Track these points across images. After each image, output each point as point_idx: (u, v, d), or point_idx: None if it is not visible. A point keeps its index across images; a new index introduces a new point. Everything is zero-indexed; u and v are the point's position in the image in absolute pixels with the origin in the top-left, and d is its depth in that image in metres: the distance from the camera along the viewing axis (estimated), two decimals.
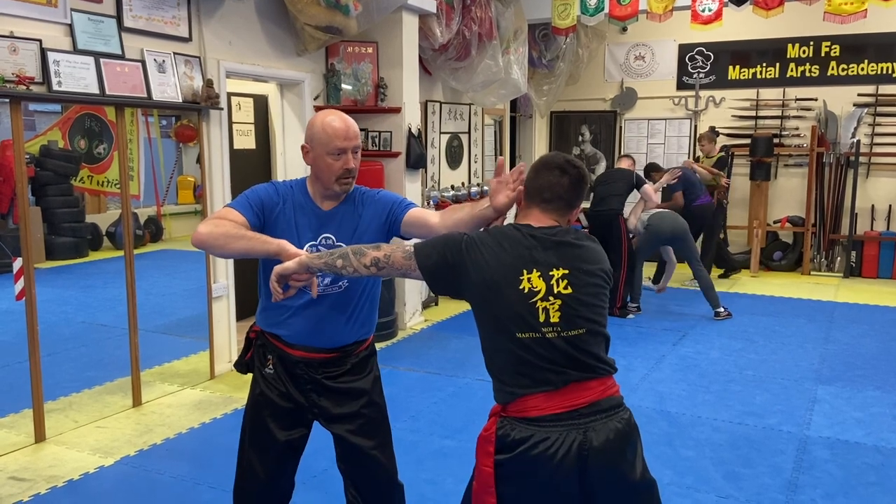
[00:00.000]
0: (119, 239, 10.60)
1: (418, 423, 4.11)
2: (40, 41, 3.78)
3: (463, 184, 7.60)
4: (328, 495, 3.28)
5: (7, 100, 3.68)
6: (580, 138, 9.83)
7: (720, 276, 8.25)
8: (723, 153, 8.21)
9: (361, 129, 5.83)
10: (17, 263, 3.82)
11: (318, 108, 5.65)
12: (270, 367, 2.29)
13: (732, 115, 8.98)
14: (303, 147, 2.22)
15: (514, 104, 9.19)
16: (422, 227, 2.24)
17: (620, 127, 9.61)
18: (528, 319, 1.77)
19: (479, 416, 4.26)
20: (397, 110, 5.82)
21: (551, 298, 1.78)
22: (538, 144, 9.82)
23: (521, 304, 1.78)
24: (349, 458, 2.38)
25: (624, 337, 5.87)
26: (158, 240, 11.00)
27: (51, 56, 3.81)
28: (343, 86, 5.71)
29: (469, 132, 7.80)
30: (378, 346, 5.53)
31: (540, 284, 1.79)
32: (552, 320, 1.78)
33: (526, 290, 1.78)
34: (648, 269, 7.62)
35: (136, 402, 4.36)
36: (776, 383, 4.78)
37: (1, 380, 4.79)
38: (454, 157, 7.55)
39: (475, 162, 7.99)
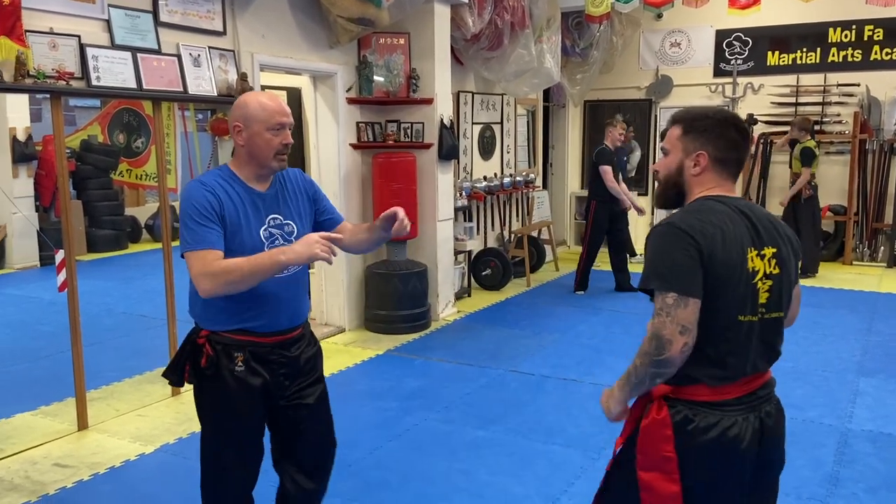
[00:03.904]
0: (157, 231, 10.83)
1: (451, 414, 4.12)
2: (79, 37, 3.85)
3: (496, 174, 7.57)
4: (363, 483, 3.31)
5: (48, 95, 3.76)
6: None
7: None
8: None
9: (393, 121, 5.86)
10: (59, 256, 3.91)
11: (350, 101, 5.67)
12: (240, 363, 2.24)
13: (771, 102, 8.78)
14: (235, 126, 2.20)
15: (546, 94, 9.12)
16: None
17: (656, 115, 9.46)
18: (751, 301, 1.68)
19: (513, 407, 4.28)
20: (429, 101, 5.81)
21: (764, 279, 1.70)
22: (571, 134, 9.73)
23: (747, 285, 1.68)
24: (309, 428, 2.42)
25: None
26: None
27: (89, 51, 3.88)
28: (375, 77, 5.72)
29: (502, 122, 7.76)
30: (411, 336, 5.60)
31: (759, 264, 1.69)
32: (762, 301, 1.70)
33: (751, 270, 1.68)
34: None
35: (176, 391, 4.44)
36: (817, 375, 4.69)
37: (45, 369, 4.93)
38: (487, 147, 7.51)
39: (508, 153, 7.95)
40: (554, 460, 3.53)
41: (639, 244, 9.13)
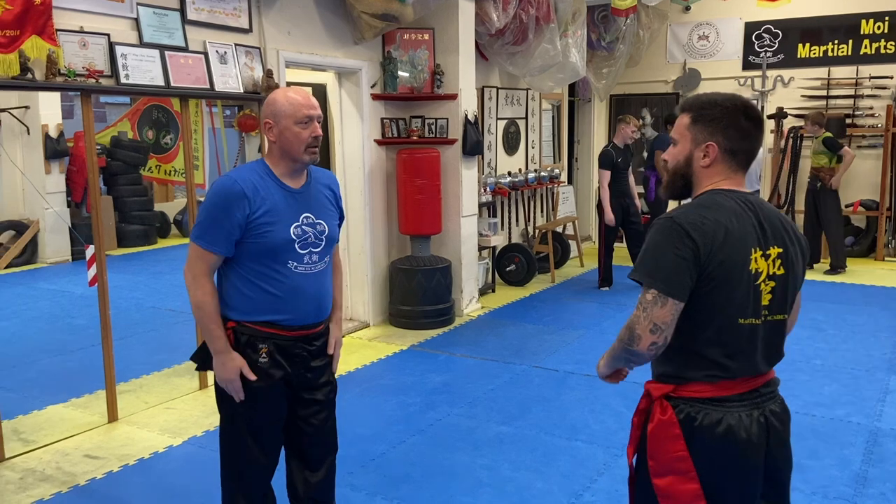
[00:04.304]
0: (186, 227, 10.95)
1: (475, 410, 4.13)
2: (108, 35, 3.91)
3: (520, 170, 7.54)
4: (386, 477, 3.33)
5: (78, 93, 3.83)
6: (641, 121, 9.61)
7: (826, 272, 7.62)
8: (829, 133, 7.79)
9: (417, 117, 5.86)
10: (90, 251, 3.98)
11: (375, 97, 5.69)
12: (264, 355, 2.28)
13: (802, 96, 8.63)
14: (265, 123, 2.25)
15: (572, 88, 9.06)
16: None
17: None
18: (753, 303, 1.63)
19: (536, 403, 4.27)
20: (454, 97, 5.81)
21: (768, 280, 1.65)
22: (597, 128, 9.66)
23: (749, 287, 1.62)
24: (319, 421, 2.46)
25: None
26: None
27: (118, 50, 3.94)
28: (400, 73, 5.73)
29: (526, 117, 7.73)
30: (435, 332, 5.61)
31: (763, 265, 1.64)
32: (764, 303, 1.65)
33: (754, 272, 1.63)
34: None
35: (203, 384, 4.50)
36: (846, 373, 4.61)
37: (77, 362, 5.03)
38: (511, 143, 7.49)
39: (532, 148, 7.92)
40: (577, 456, 3.52)
41: None
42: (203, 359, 2.38)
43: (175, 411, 4.17)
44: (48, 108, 8.53)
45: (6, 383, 4.34)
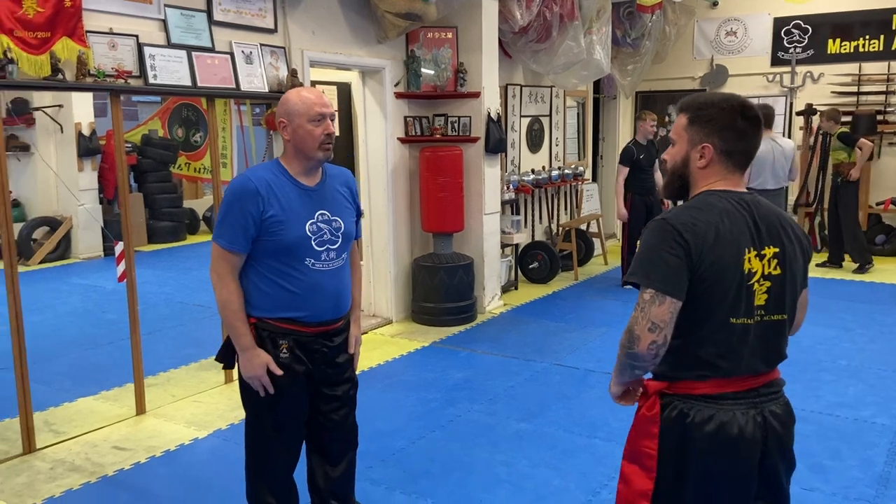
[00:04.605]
0: (214, 223, 11.10)
1: (495, 406, 4.15)
2: (137, 36, 4.00)
3: (544, 167, 7.54)
4: (405, 472, 3.37)
5: (107, 93, 3.93)
6: (667, 118, 9.55)
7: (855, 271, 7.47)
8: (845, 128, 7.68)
9: (440, 115, 5.89)
10: (119, 247, 4.08)
11: (398, 95, 5.73)
12: (285, 351, 2.34)
13: (832, 92, 8.50)
14: (280, 122, 2.30)
15: (597, 85, 9.03)
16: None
17: None
18: (746, 304, 1.64)
19: (556, 400, 4.28)
20: (476, 95, 5.83)
21: (762, 280, 1.65)
22: (622, 125, 9.61)
23: (741, 288, 1.63)
24: (340, 416, 2.52)
25: None
26: None
27: (147, 50, 4.03)
28: (423, 71, 5.76)
29: (550, 115, 7.72)
30: (457, 329, 5.64)
31: (757, 265, 1.64)
32: (759, 303, 1.65)
33: (747, 272, 1.63)
34: None
35: (229, 378, 4.59)
36: (872, 374, 4.55)
37: (107, 356, 5.15)
38: (535, 140, 7.49)
39: (556, 145, 7.91)
40: (595, 454, 3.53)
41: None
42: (228, 356, 2.44)
43: (201, 404, 4.26)
44: (81, 107, 8.72)
45: (39, 376, 4.43)
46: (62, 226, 8.82)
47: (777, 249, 1.67)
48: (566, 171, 7.79)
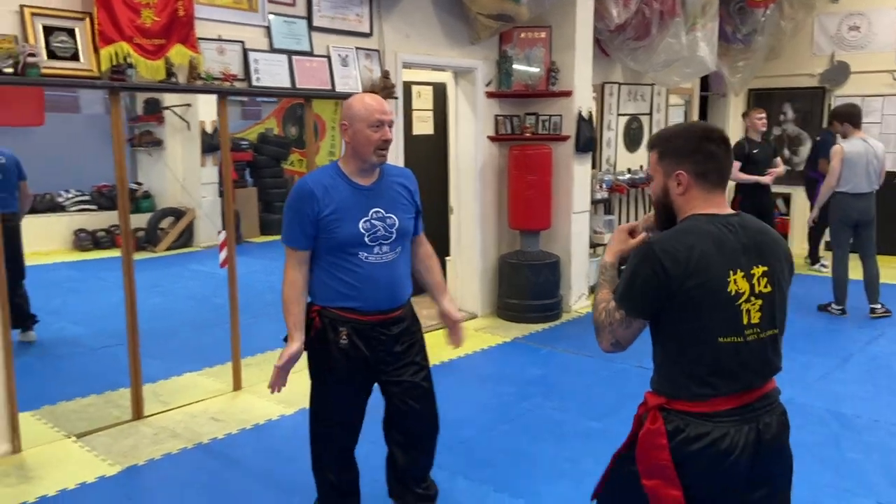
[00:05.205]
0: None
1: (567, 403, 4.20)
2: (243, 42, 4.33)
3: (641, 167, 7.42)
4: (470, 460, 3.50)
5: (216, 95, 4.29)
6: (781, 117, 9.13)
7: None
8: None
9: (531, 114, 5.96)
10: (222, 236, 4.44)
11: (489, 94, 5.85)
12: (344, 337, 2.51)
13: None
14: (342, 125, 2.46)
15: (705, 83, 8.76)
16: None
17: (829, 105, 8.77)
18: (733, 323, 1.70)
19: (631, 401, 4.25)
20: (568, 94, 5.85)
21: (752, 299, 1.71)
22: (733, 124, 9.26)
23: (727, 308, 1.69)
24: (410, 402, 2.63)
25: (810, 332, 5.46)
26: None
27: (251, 55, 4.36)
28: (515, 67, 5.84)
29: (651, 113, 7.59)
30: (540, 326, 5.70)
31: (744, 286, 1.70)
32: (752, 321, 1.72)
33: (733, 293, 1.69)
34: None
35: None
36: None
37: (213, 336, 5.57)
38: (633, 139, 7.40)
39: None
40: None
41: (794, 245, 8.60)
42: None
43: (290, 384, 4.46)
44: (206, 105, 9.40)
45: (152, 351, 4.89)
46: (185, 216, 9.56)
47: (766, 268, 1.73)
48: None
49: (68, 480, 3.33)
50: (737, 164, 6.50)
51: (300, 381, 4.55)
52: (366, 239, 2.46)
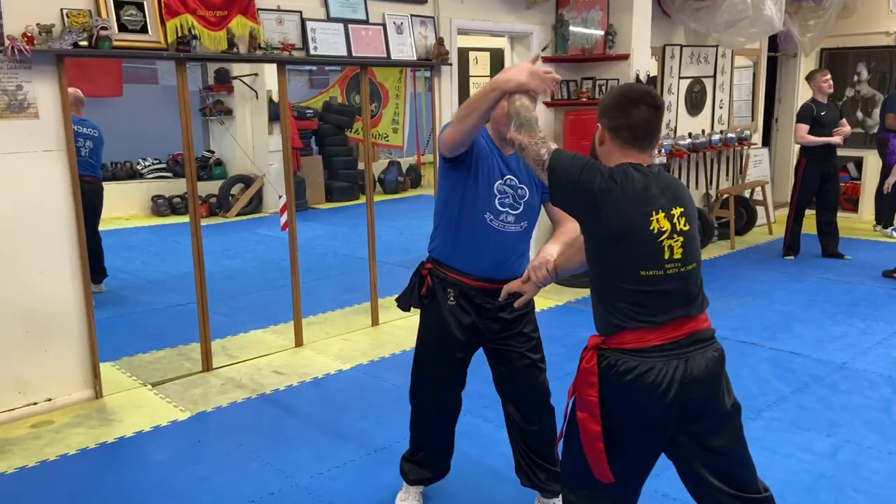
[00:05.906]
0: (388, 184, 11.80)
1: None
2: (301, 12, 4.48)
3: (703, 131, 7.29)
4: None
5: (275, 64, 4.46)
6: (856, 78, 8.75)
7: None
8: None
9: (588, 78, 5.93)
10: (282, 201, 4.65)
11: (545, 59, 5.84)
12: (451, 298, 2.57)
13: None
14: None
15: (773, 42, 8.47)
16: (552, 217, 2.59)
17: None
18: (655, 258, 1.87)
19: None
20: (625, 57, 5.80)
21: (675, 236, 1.88)
22: (803, 86, 8.91)
23: (650, 244, 1.86)
24: (516, 373, 2.68)
25: (873, 298, 5.32)
26: (418, 186, 12.10)
27: (309, 25, 4.50)
28: (572, 30, 5.81)
29: (714, 76, 7.42)
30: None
31: (666, 224, 1.88)
32: (675, 257, 1.88)
33: (655, 231, 1.86)
34: None
35: (375, 321, 5.09)
36: None
37: (278, 296, 5.83)
38: (695, 103, 7.26)
39: (720, 108, 7.59)
40: None
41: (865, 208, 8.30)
42: (406, 300, 2.71)
43: (349, 343, 4.78)
44: (272, 76, 9.66)
45: (222, 309, 5.20)
46: (255, 183, 9.91)
47: (682, 209, 1.92)
48: (730, 134, 7.47)
49: (144, 423, 3.64)
50: (804, 127, 6.35)
51: (358, 341, 4.82)
52: (496, 201, 2.48)
